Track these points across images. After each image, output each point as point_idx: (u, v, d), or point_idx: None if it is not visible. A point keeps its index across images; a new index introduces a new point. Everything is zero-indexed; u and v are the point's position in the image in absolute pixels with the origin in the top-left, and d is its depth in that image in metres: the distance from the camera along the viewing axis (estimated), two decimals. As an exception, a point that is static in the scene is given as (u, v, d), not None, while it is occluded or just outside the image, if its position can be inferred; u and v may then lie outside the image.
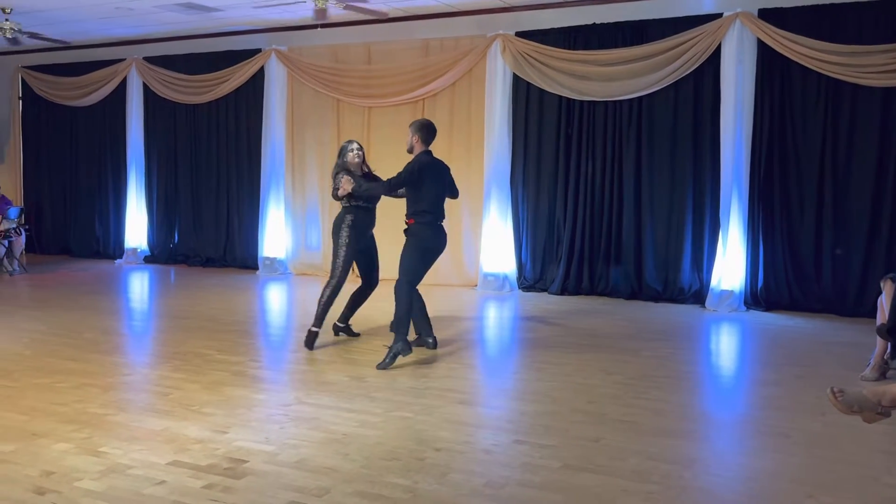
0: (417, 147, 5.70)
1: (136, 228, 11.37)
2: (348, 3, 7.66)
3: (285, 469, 3.52)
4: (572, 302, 8.29)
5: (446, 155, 8.36)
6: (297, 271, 10.16)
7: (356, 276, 6.49)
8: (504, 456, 3.75)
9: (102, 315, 7.37)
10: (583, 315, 7.55)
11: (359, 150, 6.14)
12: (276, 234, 10.25)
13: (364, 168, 6.19)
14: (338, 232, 6.00)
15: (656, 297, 8.26)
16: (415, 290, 5.69)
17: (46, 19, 9.58)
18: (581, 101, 8.57)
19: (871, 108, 7.35)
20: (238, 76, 10.38)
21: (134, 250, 11.34)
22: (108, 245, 11.84)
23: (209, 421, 4.18)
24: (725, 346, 6.79)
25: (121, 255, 11.46)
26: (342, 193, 5.78)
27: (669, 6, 8.11)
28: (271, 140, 10.23)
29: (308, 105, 10.12)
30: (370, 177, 6.17)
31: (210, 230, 11.00)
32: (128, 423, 4.14)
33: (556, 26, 8.63)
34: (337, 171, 6.01)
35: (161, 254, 11.32)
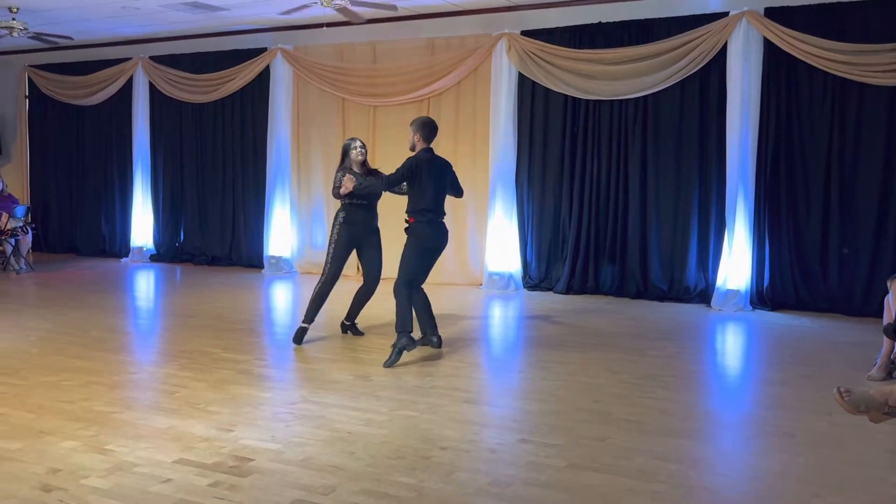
0: (419, 145, 5.73)
1: (142, 227, 11.40)
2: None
3: (291, 467, 3.52)
4: (577, 301, 8.28)
5: (452, 154, 8.39)
6: (303, 270, 10.18)
7: (360, 273, 6.51)
8: (509, 455, 3.75)
9: (108, 313, 7.40)
10: (588, 314, 7.54)
11: (361, 148, 6.18)
12: (281, 232, 10.27)
13: (366, 166, 6.23)
14: (331, 229, 6.15)
15: (662, 297, 8.25)
16: (415, 288, 5.70)
17: (53, 18, 9.61)
18: (587, 100, 8.56)
19: (878, 107, 7.33)
20: (244, 75, 10.40)
21: (140, 249, 11.37)
22: (115, 243, 11.88)
23: (215, 419, 4.19)
24: (731, 345, 6.77)
25: (127, 254, 11.50)
26: (344, 192, 5.79)
27: (675, 5, 8.09)
28: (277, 139, 10.24)
29: (313, 104, 10.13)
30: (373, 174, 6.19)
31: (216, 229, 11.02)
32: (134, 421, 4.15)
33: (561, 25, 8.62)
34: (341, 175, 6.06)
35: (167, 252, 11.34)
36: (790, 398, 4.75)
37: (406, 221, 5.75)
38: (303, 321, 6.10)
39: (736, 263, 7.74)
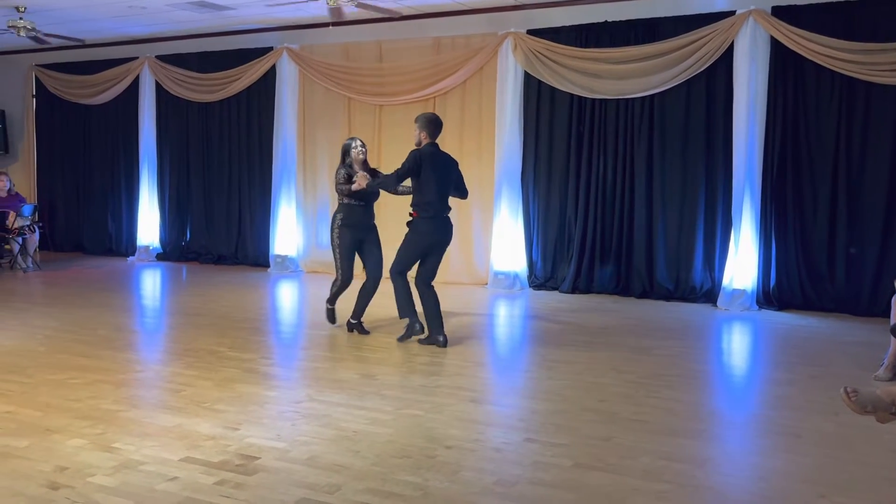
0: (424, 141, 5.89)
1: (149, 226, 11.42)
2: (361, 2, 7.68)
3: (296, 466, 3.53)
4: (583, 300, 8.27)
5: (457, 153, 8.36)
6: (309, 269, 10.18)
7: (363, 271, 6.55)
8: (515, 454, 3.75)
9: (115, 312, 7.42)
10: (594, 313, 7.53)
11: (362, 147, 6.27)
12: (287, 231, 10.28)
13: (367, 165, 6.34)
14: (331, 233, 6.32)
15: (668, 296, 8.23)
16: (426, 285, 5.84)
17: (60, 18, 9.64)
18: (593, 100, 8.54)
19: (885, 105, 7.30)
20: (250, 74, 10.41)
21: (146, 248, 11.40)
22: (121, 242, 11.90)
23: (221, 418, 4.20)
24: (737, 345, 6.76)
25: (133, 253, 11.52)
26: (357, 188, 5.90)
27: (682, 4, 8.07)
28: (283, 138, 10.25)
29: (319, 103, 10.14)
30: (373, 173, 6.33)
31: (222, 228, 11.04)
32: (140, 420, 4.17)
33: (567, 24, 8.61)
34: (340, 169, 6.17)
35: (173, 251, 11.36)
36: (796, 398, 4.74)
37: (410, 215, 5.83)
38: (327, 302, 6.54)
39: (742, 263, 7.72)
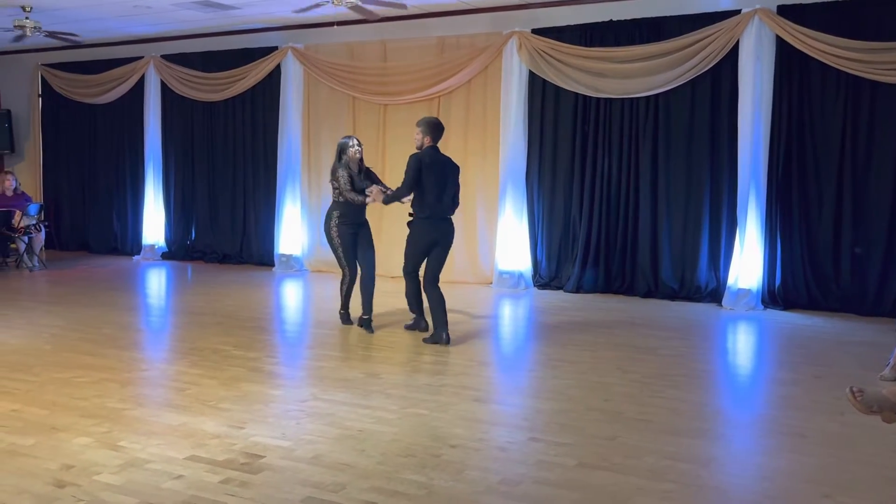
0: (426, 145, 5.96)
1: (154, 225, 11.44)
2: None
3: (301, 464, 3.54)
4: (588, 300, 8.27)
5: (462, 152, 8.40)
6: (313, 268, 10.19)
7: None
8: (519, 453, 3.76)
9: (120, 311, 7.44)
10: (598, 313, 7.53)
11: (358, 147, 6.34)
12: (292, 230, 10.29)
13: (362, 164, 6.43)
14: (328, 231, 6.42)
15: (672, 296, 8.22)
16: (432, 284, 5.96)
17: (65, 17, 9.66)
18: (597, 99, 8.53)
19: (891, 105, 7.28)
20: (255, 74, 10.42)
21: (151, 247, 11.42)
22: (126, 241, 11.93)
23: (226, 416, 4.21)
24: (742, 344, 6.75)
25: (138, 252, 11.54)
26: (370, 202, 6.08)
27: (687, 3, 8.06)
28: (287, 137, 10.27)
29: (324, 102, 10.15)
30: (368, 173, 6.48)
31: (227, 227, 11.05)
32: (146, 418, 4.18)
33: (572, 23, 8.60)
34: (340, 170, 6.24)
35: (178, 250, 11.39)
36: (801, 398, 4.73)
37: (410, 215, 5.97)
38: (340, 309, 6.59)
39: (747, 262, 7.70)
